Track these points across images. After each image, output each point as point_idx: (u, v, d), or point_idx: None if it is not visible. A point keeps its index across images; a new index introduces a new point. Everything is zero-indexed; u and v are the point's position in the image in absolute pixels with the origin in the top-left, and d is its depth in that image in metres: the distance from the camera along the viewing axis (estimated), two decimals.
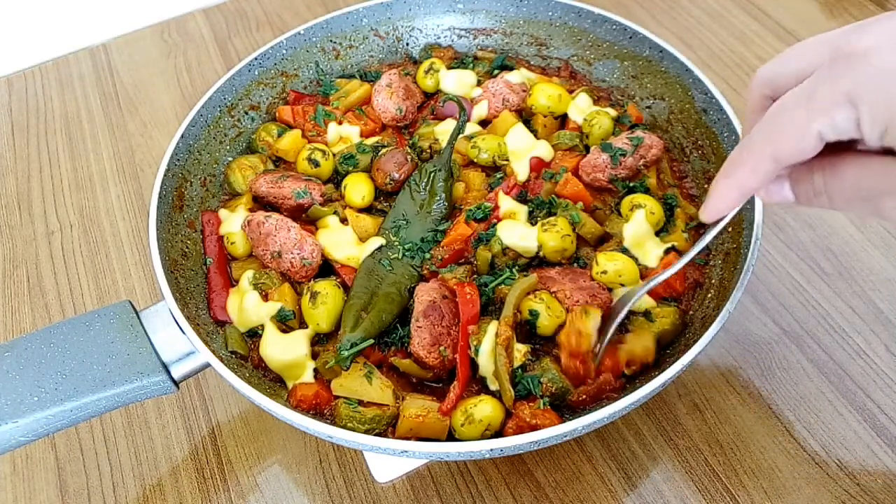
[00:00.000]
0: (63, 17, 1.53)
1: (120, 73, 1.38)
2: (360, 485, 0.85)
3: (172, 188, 0.94)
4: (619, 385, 0.78)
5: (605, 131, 0.99)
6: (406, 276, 0.87)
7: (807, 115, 0.52)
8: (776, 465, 0.83)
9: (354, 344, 0.79)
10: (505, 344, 0.77)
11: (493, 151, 0.98)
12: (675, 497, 0.81)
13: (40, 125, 1.30)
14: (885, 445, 0.83)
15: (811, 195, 0.58)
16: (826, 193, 0.57)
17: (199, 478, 0.87)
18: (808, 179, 0.58)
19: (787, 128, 0.54)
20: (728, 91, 1.23)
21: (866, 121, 0.50)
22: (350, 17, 1.14)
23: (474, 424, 0.74)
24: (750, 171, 0.57)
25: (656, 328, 0.81)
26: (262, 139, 1.04)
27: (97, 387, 0.74)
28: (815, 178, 0.57)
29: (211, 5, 1.49)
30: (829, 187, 0.57)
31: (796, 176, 0.59)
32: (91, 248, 1.11)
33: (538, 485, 0.83)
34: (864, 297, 0.96)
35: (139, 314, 0.79)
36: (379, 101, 1.05)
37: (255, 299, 0.86)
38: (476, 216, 0.91)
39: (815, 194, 0.58)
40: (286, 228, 0.88)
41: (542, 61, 1.15)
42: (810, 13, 1.35)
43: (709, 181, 0.96)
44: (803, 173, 0.58)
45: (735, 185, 0.60)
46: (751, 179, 0.58)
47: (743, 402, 0.88)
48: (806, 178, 0.58)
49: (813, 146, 0.53)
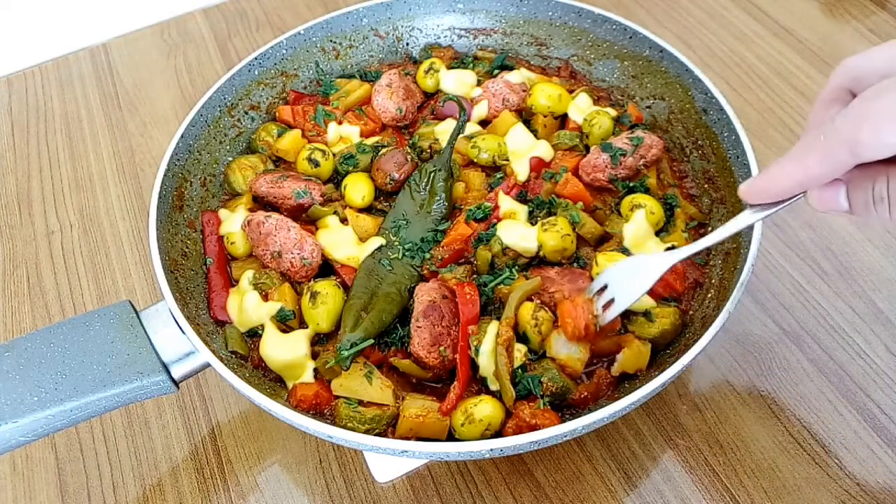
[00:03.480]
0: (63, 17, 1.53)
1: (120, 73, 1.38)
2: (360, 485, 0.85)
3: (172, 188, 0.94)
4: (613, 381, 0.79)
5: (605, 131, 0.99)
6: (406, 276, 0.87)
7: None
8: (776, 465, 0.83)
9: (354, 344, 0.79)
10: (506, 344, 0.77)
11: (493, 151, 0.98)
12: (675, 497, 0.81)
13: (40, 125, 1.30)
14: (885, 445, 0.83)
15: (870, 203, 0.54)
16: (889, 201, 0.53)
17: (199, 478, 0.87)
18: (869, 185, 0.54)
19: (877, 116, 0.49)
20: (728, 91, 1.23)
21: None
22: (350, 17, 1.14)
23: (474, 424, 0.74)
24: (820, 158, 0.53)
25: (656, 328, 0.81)
26: (262, 139, 1.04)
27: (97, 387, 0.74)
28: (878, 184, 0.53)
29: (211, 5, 1.49)
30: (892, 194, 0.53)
31: (856, 181, 0.55)
32: (91, 248, 1.11)
33: (538, 485, 0.83)
34: (864, 297, 0.96)
35: (139, 314, 0.79)
36: (379, 101, 1.05)
37: (255, 299, 0.86)
38: (476, 216, 0.91)
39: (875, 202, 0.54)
40: (286, 228, 0.88)
41: (542, 61, 1.15)
42: (810, 13, 1.35)
43: (709, 181, 0.96)
44: (864, 179, 0.54)
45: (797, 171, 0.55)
46: (818, 168, 0.53)
47: (743, 402, 0.88)
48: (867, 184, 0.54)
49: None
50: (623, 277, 0.73)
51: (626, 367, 0.79)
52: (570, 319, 0.74)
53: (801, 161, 0.54)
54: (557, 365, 0.78)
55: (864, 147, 0.50)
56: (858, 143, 0.50)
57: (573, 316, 0.74)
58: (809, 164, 0.54)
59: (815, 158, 0.53)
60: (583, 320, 0.74)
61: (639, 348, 0.79)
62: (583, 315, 0.74)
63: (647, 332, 0.81)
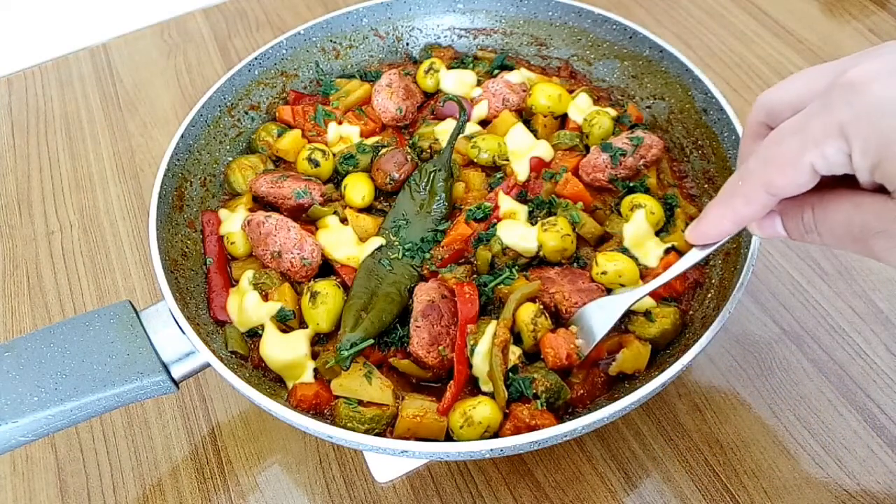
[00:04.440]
0: (63, 17, 1.53)
1: (120, 73, 1.38)
2: (360, 485, 0.85)
3: (172, 188, 0.94)
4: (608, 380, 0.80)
5: (605, 131, 0.99)
6: (406, 276, 0.87)
7: (800, 147, 0.51)
8: (776, 465, 0.83)
9: (354, 344, 0.79)
10: (502, 345, 0.77)
11: (493, 151, 0.98)
12: (675, 497, 0.81)
13: (40, 125, 1.30)
14: (885, 445, 0.83)
15: (802, 232, 0.57)
16: (817, 231, 0.56)
17: (199, 478, 0.87)
18: (799, 216, 0.57)
19: (780, 159, 0.52)
20: (728, 91, 1.23)
21: (857, 154, 0.48)
22: (350, 17, 1.14)
23: (473, 427, 0.74)
24: (744, 201, 0.56)
25: (656, 328, 0.81)
26: (262, 139, 1.04)
27: (97, 387, 0.74)
28: (806, 215, 0.56)
29: (211, 5, 1.49)
30: (819, 225, 0.55)
31: (788, 211, 0.58)
32: (91, 248, 1.11)
33: (538, 485, 0.83)
34: (864, 297, 0.96)
35: (139, 314, 0.79)
36: (379, 100, 1.05)
37: (255, 299, 0.86)
38: (476, 216, 0.91)
39: (806, 231, 0.57)
40: (286, 228, 0.88)
41: (542, 61, 1.15)
42: (810, 13, 1.35)
43: (709, 181, 0.96)
44: (795, 209, 0.57)
45: (728, 214, 0.59)
46: (745, 210, 0.57)
47: (743, 402, 0.88)
48: (797, 214, 0.57)
49: (806, 180, 0.52)
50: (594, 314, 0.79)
51: (625, 367, 0.79)
52: (552, 349, 0.78)
53: (729, 204, 0.58)
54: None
55: (776, 189, 0.54)
56: (771, 185, 0.54)
57: (554, 346, 0.78)
58: (736, 206, 0.58)
59: (739, 201, 0.57)
60: (564, 350, 0.77)
61: (638, 349, 0.79)
62: (564, 346, 0.77)
63: (647, 332, 0.81)
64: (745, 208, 0.57)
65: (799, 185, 0.52)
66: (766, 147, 0.54)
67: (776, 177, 0.53)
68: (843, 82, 0.49)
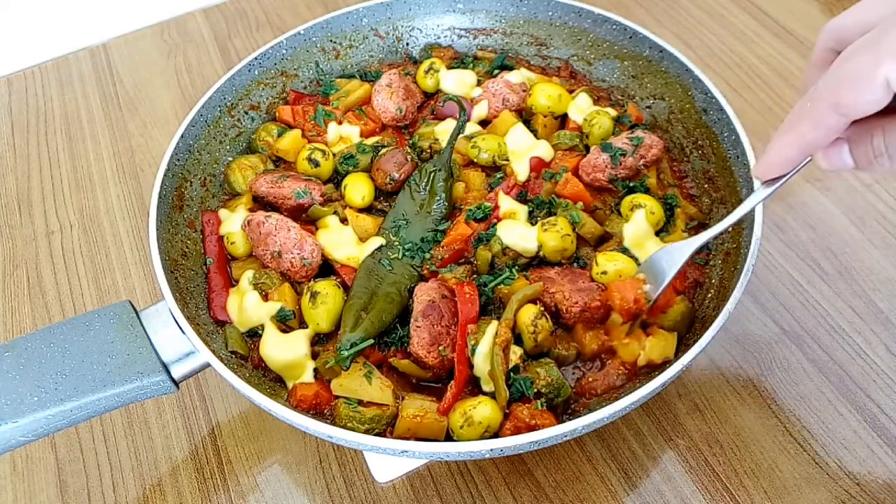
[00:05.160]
0: (63, 17, 1.53)
1: (120, 73, 1.38)
2: (360, 485, 0.85)
3: (172, 188, 0.94)
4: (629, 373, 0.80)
5: (605, 131, 0.99)
6: (406, 276, 0.87)
7: (874, 59, 0.49)
8: (776, 465, 0.83)
9: (354, 344, 0.79)
10: (503, 345, 0.77)
11: (493, 151, 0.98)
12: (675, 497, 0.81)
13: (40, 125, 1.30)
14: (885, 445, 0.83)
15: (871, 157, 0.55)
16: (888, 153, 0.54)
17: (199, 478, 0.87)
18: (868, 140, 0.55)
19: (853, 75, 0.50)
20: (728, 91, 1.23)
21: None
22: (350, 17, 1.14)
23: (473, 427, 0.74)
24: (812, 125, 0.54)
25: (674, 313, 0.81)
26: (262, 139, 1.04)
27: (97, 387, 0.74)
28: (876, 138, 0.54)
29: (211, 5, 1.49)
30: (890, 147, 0.54)
31: (856, 138, 0.56)
32: (91, 248, 1.11)
33: (538, 485, 0.83)
34: (864, 297, 0.96)
35: (139, 314, 0.79)
36: (379, 101, 1.05)
37: (255, 299, 0.86)
38: (476, 216, 0.91)
39: (875, 155, 0.55)
40: (286, 228, 0.88)
41: (542, 61, 1.15)
42: (810, 13, 1.35)
43: (709, 181, 0.96)
44: (863, 134, 0.55)
45: (795, 140, 0.56)
46: (812, 133, 0.54)
47: (743, 402, 0.88)
48: (865, 139, 0.55)
49: (880, 96, 0.50)
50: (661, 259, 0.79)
51: (653, 356, 0.79)
52: (619, 293, 0.78)
53: (795, 129, 0.56)
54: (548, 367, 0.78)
55: (847, 108, 0.51)
56: (840, 104, 0.51)
57: (622, 290, 0.77)
58: (803, 130, 0.55)
59: (807, 125, 0.54)
60: (632, 294, 0.77)
61: (665, 337, 0.79)
62: (631, 290, 0.77)
63: (666, 322, 0.81)
64: (813, 132, 0.54)
65: (871, 103, 0.50)
66: (836, 66, 0.52)
67: (848, 94, 0.51)
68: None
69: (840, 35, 0.57)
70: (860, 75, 0.50)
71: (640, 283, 0.79)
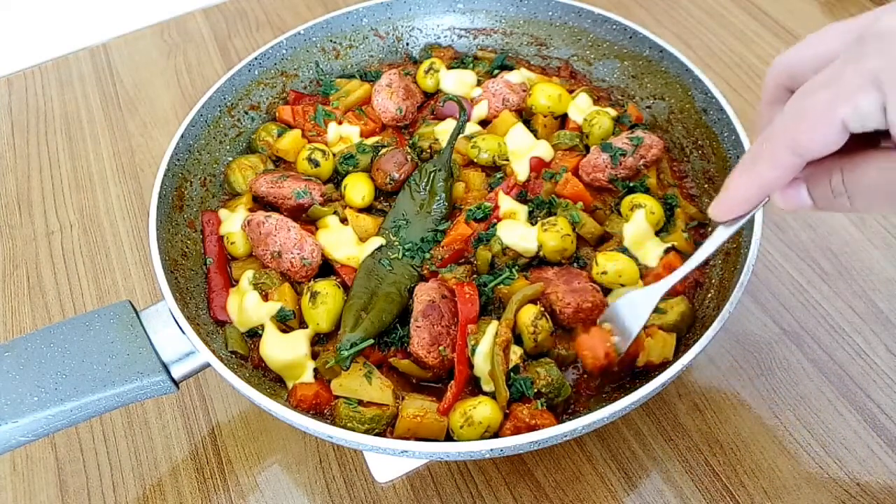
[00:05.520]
0: (63, 17, 1.53)
1: (120, 73, 1.38)
2: (360, 485, 0.85)
3: (172, 188, 0.94)
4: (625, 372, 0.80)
5: (605, 131, 0.99)
6: (406, 276, 0.87)
7: (830, 100, 0.48)
8: (776, 465, 0.83)
9: (354, 344, 0.79)
10: (504, 345, 0.77)
11: (493, 151, 0.98)
12: (675, 497, 0.81)
13: (40, 125, 1.30)
14: (885, 445, 0.83)
15: (830, 198, 0.54)
16: (847, 194, 0.53)
17: (199, 478, 0.87)
18: (827, 181, 0.54)
19: (809, 115, 0.49)
20: (728, 91, 1.23)
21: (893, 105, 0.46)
22: (350, 17, 1.14)
23: (473, 427, 0.74)
24: (769, 165, 0.53)
25: (674, 314, 0.81)
26: (262, 139, 1.04)
27: (97, 387, 0.74)
28: (834, 178, 0.53)
29: (211, 5, 1.49)
30: (850, 187, 0.52)
31: (814, 178, 0.55)
32: (91, 248, 1.11)
33: (538, 485, 0.83)
34: (864, 297, 0.96)
35: (139, 314, 0.79)
36: (379, 101, 1.05)
37: (255, 299, 0.86)
38: (476, 216, 0.91)
39: (835, 195, 0.54)
40: (286, 228, 0.88)
41: (542, 61, 1.15)
42: (810, 13, 1.35)
43: (709, 181, 0.96)
44: (821, 175, 0.54)
45: (753, 180, 0.55)
46: (770, 174, 0.53)
47: (743, 402, 0.88)
48: (824, 180, 0.54)
49: (836, 136, 0.49)
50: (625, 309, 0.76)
51: (652, 356, 0.78)
52: (588, 350, 0.75)
53: (752, 170, 0.55)
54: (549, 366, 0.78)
55: (804, 149, 0.51)
56: (798, 145, 0.51)
57: (590, 346, 0.75)
58: (761, 171, 0.54)
59: (764, 165, 0.54)
60: (601, 349, 0.74)
61: (664, 338, 0.79)
62: (600, 344, 0.75)
63: (666, 321, 0.81)
64: (770, 172, 0.53)
65: (829, 143, 0.50)
66: (792, 105, 0.51)
67: (805, 135, 0.50)
68: (875, 32, 0.47)
69: (792, 71, 0.56)
70: (816, 116, 0.49)
71: (607, 335, 0.75)
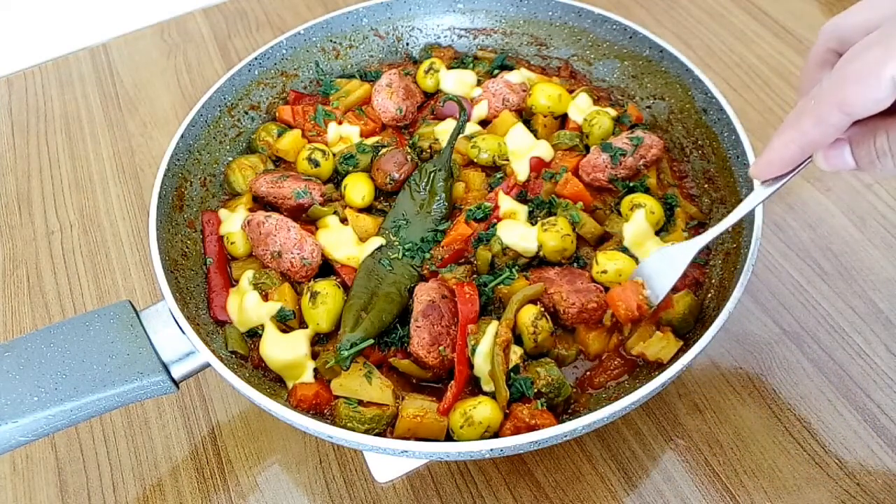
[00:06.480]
0: (63, 17, 1.53)
1: (120, 73, 1.38)
2: (360, 485, 0.85)
3: (172, 188, 0.94)
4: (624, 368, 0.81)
5: (605, 131, 0.99)
6: (406, 276, 0.87)
7: (881, 58, 0.49)
8: (776, 465, 0.83)
9: (354, 344, 0.79)
10: (504, 345, 0.77)
11: (493, 151, 0.98)
12: (675, 497, 0.81)
13: (40, 125, 1.30)
14: (885, 445, 0.83)
15: (874, 158, 0.55)
16: (891, 154, 0.53)
17: (199, 478, 0.87)
18: (871, 141, 0.54)
19: (859, 74, 0.50)
20: (728, 91, 1.23)
21: None
22: (350, 17, 1.14)
23: (474, 427, 0.74)
24: (815, 122, 0.53)
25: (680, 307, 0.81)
26: (262, 139, 1.04)
27: (97, 387, 0.74)
28: (879, 138, 0.54)
29: (211, 5, 1.49)
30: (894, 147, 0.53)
31: (858, 139, 0.55)
32: (91, 248, 1.11)
33: (538, 485, 0.83)
34: (864, 297, 0.96)
35: (139, 314, 0.79)
36: (379, 100, 1.05)
37: (255, 299, 0.86)
38: (476, 216, 0.91)
39: (878, 156, 0.54)
40: (286, 228, 0.88)
41: (542, 61, 1.15)
42: (810, 13, 1.35)
43: (709, 181, 0.96)
44: (865, 134, 0.55)
45: (797, 138, 0.55)
46: (815, 131, 0.54)
47: (743, 402, 0.88)
48: (868, 140, 0.54)
49: (886, 94, 0.49)
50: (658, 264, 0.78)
51: (648, 351, 0.79)
52: (622, 302, 0.76)
53: (797, 127, 0.55)
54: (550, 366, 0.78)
55: (851, 106, 0.51)
56: (846, 102, 0.51)
57: (624, 298, 0.76)
58: (805, 128, 0.54)
59: (809, 122, 0.54)
60: (634, 301, 0.76)
61: (668, 339, 0.79)
62: (633, 297, 0.76)
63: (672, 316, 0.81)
64: (814, 129, 0.54)
65: (877, 101, 0.50)
66: (841, 65, 0.52)
67: (854, 92, 0.50)
68: None
69: (841, 34, 0.57)
70: (867, 74, 0.50)
71: (640, 287, 0.77)
